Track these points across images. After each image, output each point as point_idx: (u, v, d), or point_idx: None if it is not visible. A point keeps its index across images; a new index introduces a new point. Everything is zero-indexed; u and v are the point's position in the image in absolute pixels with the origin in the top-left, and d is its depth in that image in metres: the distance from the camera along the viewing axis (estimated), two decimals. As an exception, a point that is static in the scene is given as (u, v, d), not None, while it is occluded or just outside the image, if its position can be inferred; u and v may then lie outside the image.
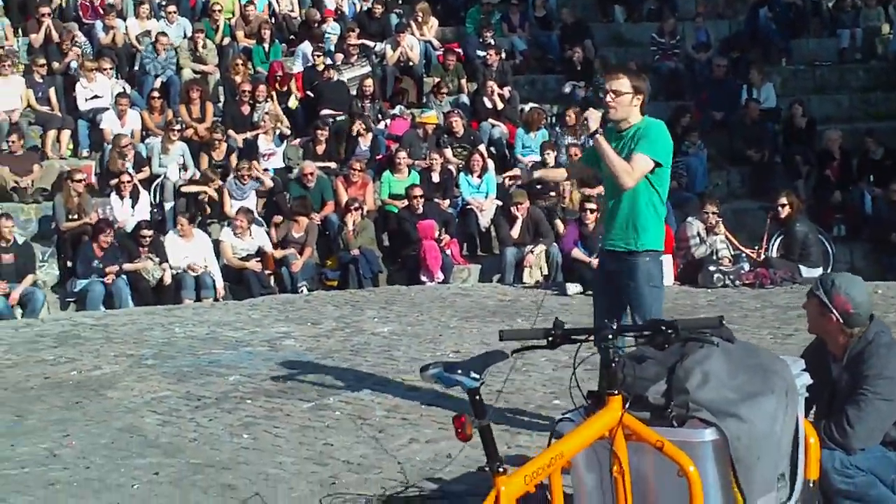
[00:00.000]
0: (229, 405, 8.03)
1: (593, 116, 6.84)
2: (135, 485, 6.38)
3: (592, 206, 13.11)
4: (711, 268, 12.71)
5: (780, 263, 12.79)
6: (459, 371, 3.77)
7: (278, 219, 14.69)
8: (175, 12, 18.35)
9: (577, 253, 12.78)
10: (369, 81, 17.06)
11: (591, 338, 4.15)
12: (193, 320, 11.58)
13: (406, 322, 11.08)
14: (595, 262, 12.45)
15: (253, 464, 6.67)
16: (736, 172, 17.00)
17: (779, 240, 13.88)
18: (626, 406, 3.99)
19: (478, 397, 3.78)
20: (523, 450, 6.73)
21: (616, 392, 4.00)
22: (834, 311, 5.12)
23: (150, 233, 13.68)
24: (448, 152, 16.22)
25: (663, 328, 4.02)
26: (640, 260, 6.71)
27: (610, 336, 4.00)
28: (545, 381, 8.42)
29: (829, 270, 13.34)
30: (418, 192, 14.56)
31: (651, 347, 4.15)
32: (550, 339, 4.12)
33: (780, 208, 13.20)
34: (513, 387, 8.00)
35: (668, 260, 13.20)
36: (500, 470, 3.66)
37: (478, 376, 3.77)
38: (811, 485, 4.63)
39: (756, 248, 13.59)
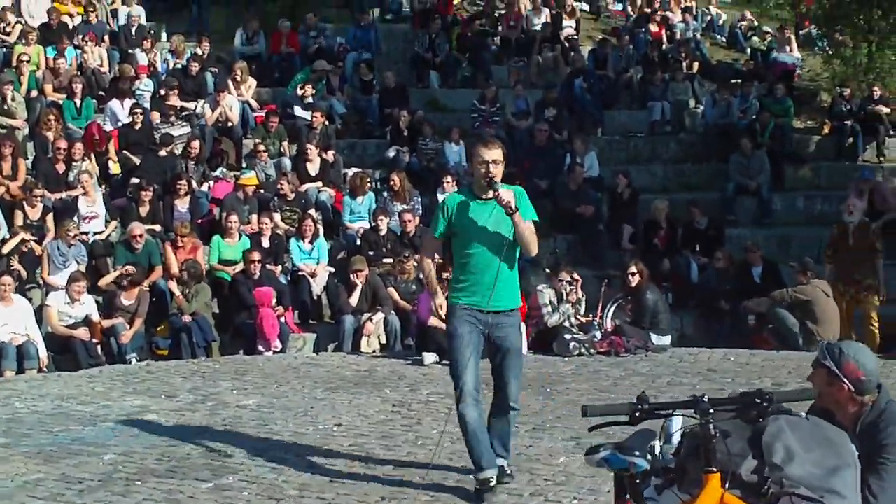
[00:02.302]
0: (119, 488, 7.29)
1: (508, 195, 6.99)
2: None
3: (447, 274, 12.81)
4: (567, 336, 12.57)
5: (631, 331, 12.77)
6: (637, 453, 3.39)
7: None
8: (-25, 60, 17.26)
9: (435, 321, 12.39)
10: (196, 143, 16.36)
11: (672, 412, 3.84)
12: (31, 394, 10.63)
13: (269, 394, 10.45)
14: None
15: (178, 554, 6.01)
16: (562, 240, 17.00)
17: (614, 307, 13.93)
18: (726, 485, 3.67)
19: (638, 481, 3.40)
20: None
21: (714, 469, 3.67)
22: (845, 380, 4.92)
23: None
24: (277, 216, 15.62)
25: (757, 400, 3.73)
26: (517, 317, 7.29)
27: (711, 410, 3.67)
28: (450, 456, 7.98)
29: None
30: (256, 256, 13.90)
31: (739, 420, 3.84)
32: (637, 413, 3.77)
33: (629, 276, 13.21)
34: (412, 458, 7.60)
35: (521, 328, 13.05)
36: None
37: (650, 457, 3.41)
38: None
39: (591, 315, 13.56)
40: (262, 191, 16.24)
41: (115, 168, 16.44)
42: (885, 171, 19.13)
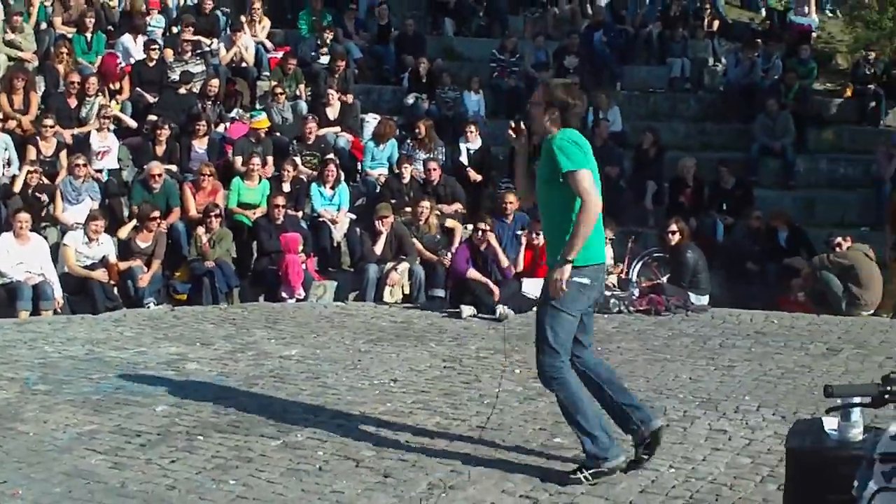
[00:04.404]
0: (181, 443, 6.79)
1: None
2: (133, 547, 5.18)
3: (484, 226, 12.36)
4: (607, 293, 12.15)
5: (671, 290, 12.38)
6: None
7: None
8: (-15, -10, 16.56)
9: (474, 273, 11.97)
10: (216, 82, 15.76)
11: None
12: (58, 337, 10.13)
13: (310, 344, 9.99)
14: (493, 285, 11.91)
15: (268, 518, 5.55)
16: (583, 195, 16.52)
17: (640, 264, 13.56)
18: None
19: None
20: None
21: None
22: None
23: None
24: (298, 160, 15.09)
25: None
26: None
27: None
28: (526, 417, 7.54)
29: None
30: (280, 200, 13.41)
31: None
32: (887, 396, 3.36)
33: (669, 235, 12.82)
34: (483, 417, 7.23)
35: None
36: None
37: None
38: None
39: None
40: (277, 133, 15.70)
41: (115, 106, 15.73)
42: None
